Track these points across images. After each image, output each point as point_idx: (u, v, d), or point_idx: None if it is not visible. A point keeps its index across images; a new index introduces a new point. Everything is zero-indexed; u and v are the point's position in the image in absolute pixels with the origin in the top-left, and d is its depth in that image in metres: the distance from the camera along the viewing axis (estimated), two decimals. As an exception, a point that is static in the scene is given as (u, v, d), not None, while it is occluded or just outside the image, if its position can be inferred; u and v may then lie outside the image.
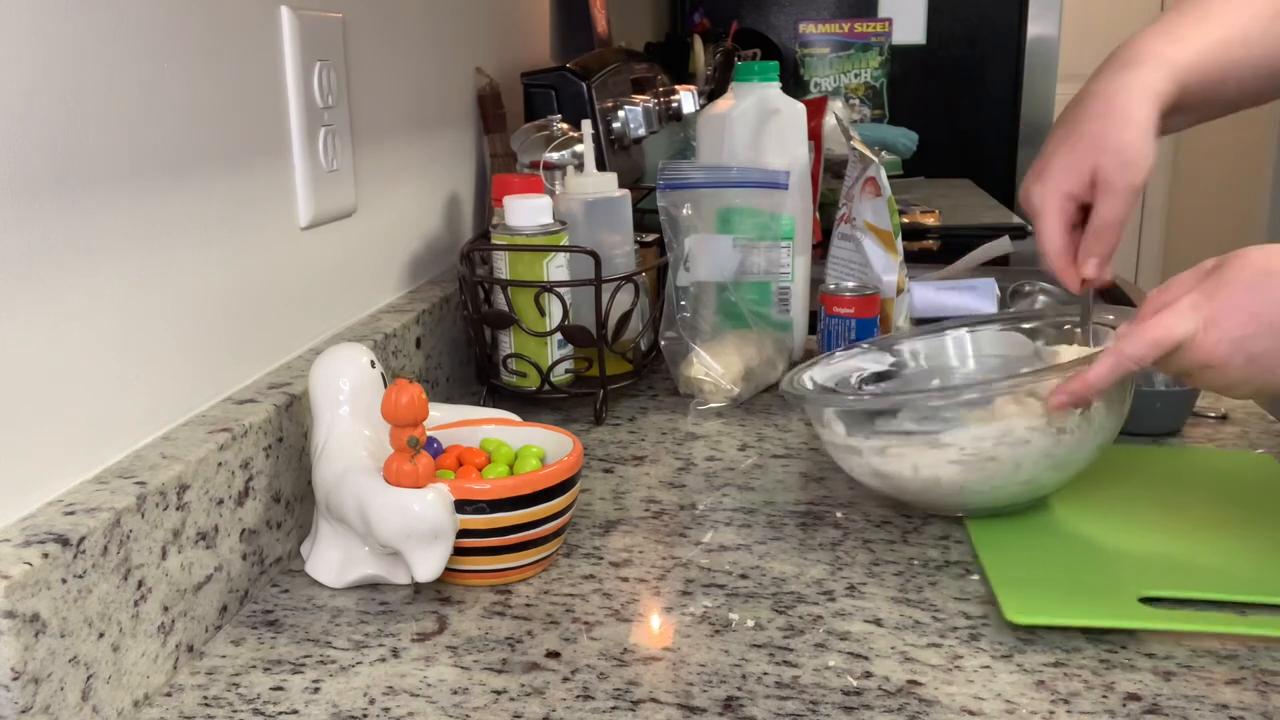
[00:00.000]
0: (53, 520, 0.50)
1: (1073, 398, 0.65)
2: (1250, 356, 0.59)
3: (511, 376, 0.95)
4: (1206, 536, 0.69)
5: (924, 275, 1.24)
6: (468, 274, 0.93)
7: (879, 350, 0.86)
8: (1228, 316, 0.59)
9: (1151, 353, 0.61)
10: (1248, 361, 0.59)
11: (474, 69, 1.16)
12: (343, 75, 0.83)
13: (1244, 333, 0.59)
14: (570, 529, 0.74)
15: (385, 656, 0.59)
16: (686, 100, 1.49)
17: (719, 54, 2.01)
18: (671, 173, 1.00)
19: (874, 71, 2.32)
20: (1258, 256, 0.60)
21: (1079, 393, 0.64)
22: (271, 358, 0.74)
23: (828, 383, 0.82)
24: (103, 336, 0.57)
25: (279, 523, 0.68)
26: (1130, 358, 0.62)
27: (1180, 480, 0.78)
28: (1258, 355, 0.59)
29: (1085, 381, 0.64)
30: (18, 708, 0.46)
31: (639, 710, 0.54)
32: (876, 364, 0.86)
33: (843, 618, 0.62)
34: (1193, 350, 0.60)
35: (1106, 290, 1.37)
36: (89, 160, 0.55)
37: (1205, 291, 0.60)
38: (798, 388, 0.78)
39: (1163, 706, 0.53)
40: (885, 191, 0.98)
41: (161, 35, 0.61)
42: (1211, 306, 0.59)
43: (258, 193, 0.72)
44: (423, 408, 0.62)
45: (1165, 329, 0.60)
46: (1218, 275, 0.60)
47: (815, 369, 0.83)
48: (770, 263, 1.02)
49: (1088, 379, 0.64)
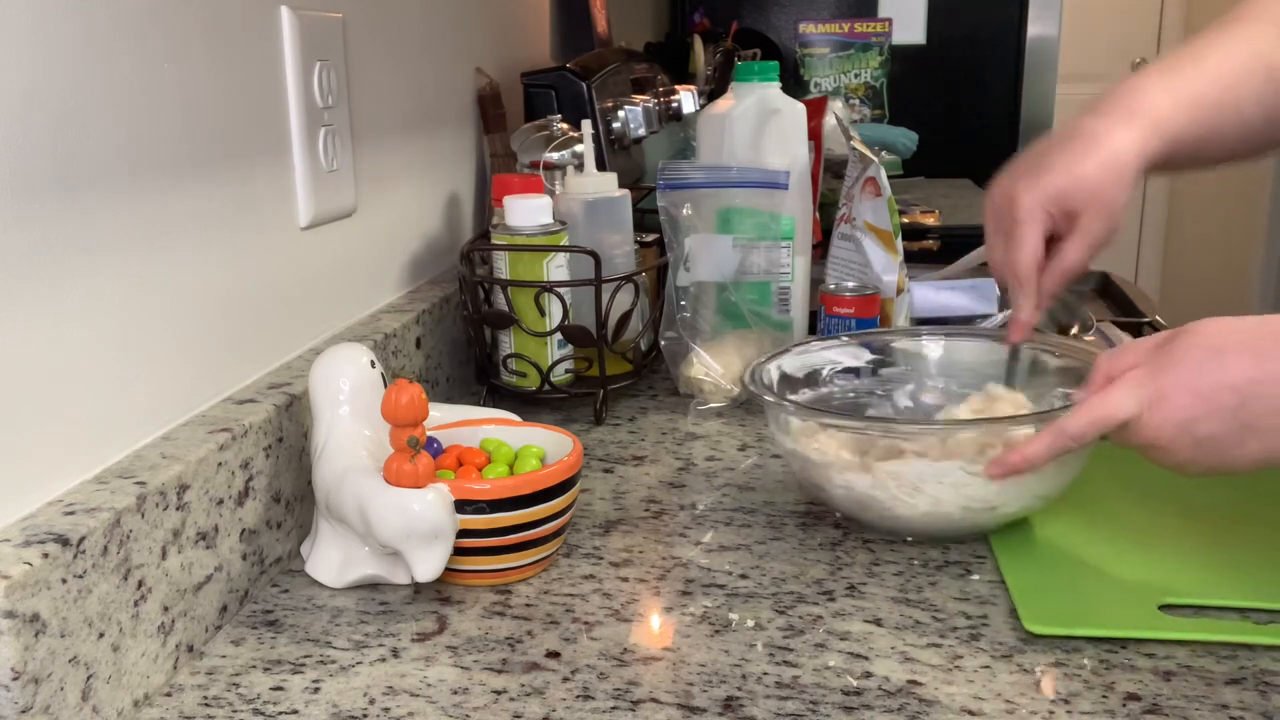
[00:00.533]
0: (53, 520, 0.50)
1: (1008, 470, 0.64)
2: (1197, 440, 0.57)
3: (511, 376, 0.95)
4: (1225, 541, 0.69)
5: (924, 275, 1.24)
6: (468, 274, 0.93)
7: (858, 345, 0.86)
8: (1173, 397, 0.57)
9: (1093, 431, 0.60)
10: (1194, 444, 0.57)
11: (474, 69, 1.16)
12: (343, 75, 0.83)
13: (1189, 415, 0.56)
14: (570, 529, 0.74)
15: (385, 656, 0.59)
16: (686, 100, 1.49)
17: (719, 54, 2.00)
18: (671, 173, 1.00)
19: (874, 71, 2.32)
20: (1208, 333, 0.57)
21: (1016, 466, 0.63)
22: (271, 358, 0.74)
23: (797, 373, 0.82)
24: (103, 336, 0.57)
25: (279, 523, 0.68)
26: (1070, 435, 0.61)
27: (1193, 483, 0.78)
28: (1204, 439, 0.57)
29: (1023, 456, 0.63)
30: (18, 708, 0.46)
31: (639, 710, 0.54)
32: (854, 359, 0.85)
33: (843, 618, 0.62)
34: (1138, 430, 0.59)
35: (1107, 290, 1.37)
36: (89, 160, 0.55)
37: (1152, 368, 0.58)
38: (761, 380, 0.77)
39: (1163, 706, 0.53)
40: (885, 191, 0.98)
41: (161, 35, 0.61)
42: (1157, 385, 0.58)
43: (258, 193, 0.72)
44: (423, 408, 0.62)
45: (1108, 409, 0.59)
46: (1167, 351, 0.58)
47: (786, 357, 0.82)
48: (770, 263, 1.02)
49: (1025, 454, 0.63)
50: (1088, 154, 0.74)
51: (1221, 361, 0.55)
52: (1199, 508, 0.73)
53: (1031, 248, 0.75)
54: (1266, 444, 0.55)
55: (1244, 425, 0.55)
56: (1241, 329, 0.57)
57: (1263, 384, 0.54)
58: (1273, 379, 0.54)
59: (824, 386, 0.84)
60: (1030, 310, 0.77)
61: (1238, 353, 0.55)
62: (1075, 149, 0.75)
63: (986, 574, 0.67)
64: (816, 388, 0.83)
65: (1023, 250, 0.76)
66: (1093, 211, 0.73)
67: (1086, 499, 0.75)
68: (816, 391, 0.83)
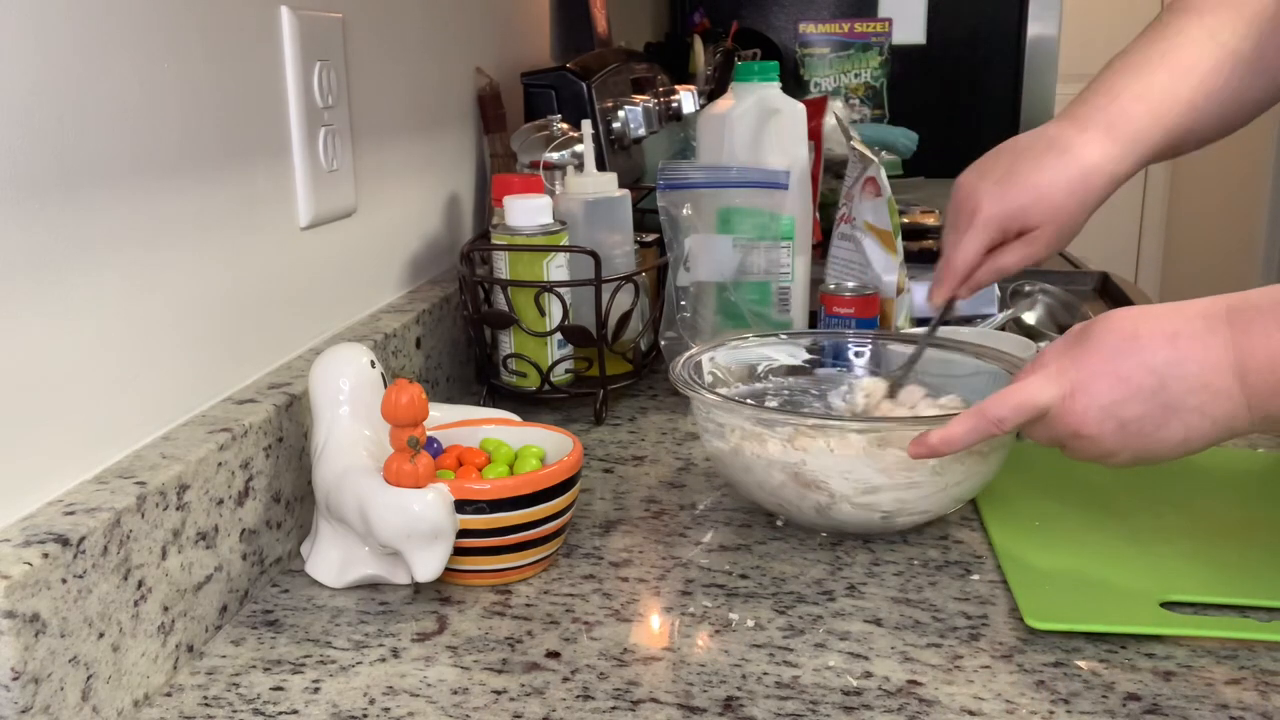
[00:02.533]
0: (53, 520, 0.50)
1: (929, 450, 0.63)
2: (1121, 423, 0.57)
3: (511, 376, 0.95)
4: (1226, 538, 0.69)
5: (924, 275, 1.24)
6: (468, 274, 0.93)
7: (794, 344, 0.87)
8: (1094, 382, 0.57)
9: (1014, 416, 0.60)
10: (1119, 428, 0.57)
11: (474, 69, 1.16)
12: (343, 75, 0.83)
13: (1112, 398, 0.57)
14: (570, 529, 0.74)
15: (385, 656, 0.59)
16: (686, 100, 1.49)
17: (719, 54, 2.00)
18: (671, 173, 1.00)
19: (874, 71, 2.32)
20: (1123, 321, 0.58)
21: (936, 447, 0.63)
22: (271, 358, 0.74)
23: (729, 367, 0.83)
24: (103, 336, 0.57)
25: (279, 523, 0.68)
26: (992, 420, 0.61)
27: (1193, 481, 0.78)
28: (1129, 421, 0.57)
29: (943, 437, 0.62)
30: (18, 708, 0.46)
31: (639, 710, 0.54)
32: (790, 357, 0.86)
33: (843, 618, 0.62)
34: (1062, 418, 0.59)
35: (1106, 290, 1.37)
36: (89, 160, 0.55)
37: (1071, 357, 0.59)
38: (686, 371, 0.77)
39: (1163, 706, 0.53)
40: (885, 191, 0.98)
41: (161, 35, 0.61)
42: (1077, 372, 0.58)
43: (258, 193, 0.72)
44: (423, 408, 0.62)
45: (1028, 393, 0.59)
46: (1083, 341, 0.59)
47: (720, 351, 0.82)
48: (770, 263, 1.02)
49: (946, 435, 0.62)
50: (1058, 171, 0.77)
51: (1138, 345, 0.56)
52: (1200, 507, 0.73)
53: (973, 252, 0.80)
54: (1189, 424, 0.56)
55: (1165, 406, 0.56)
56: (1153, 314, 0.57)
57: (1179, 364, 0.55)
58: (1188, 358, 0.54)
59: (758, 382, 0.85)
60: (942, 297, 0.83)
61: (1152, 336, 0.56)
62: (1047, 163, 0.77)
63: (986, 574, 0.67)
64: (751, 383, 0.84)
65: (963, 252, 0.80)
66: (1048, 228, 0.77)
67: (1088, 498, 0.75)
68: (751, 387, 0.84)
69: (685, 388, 0.73)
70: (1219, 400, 0.55)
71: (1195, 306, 0.57)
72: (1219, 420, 0.55)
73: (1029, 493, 0.76)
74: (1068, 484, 0.77)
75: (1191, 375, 0.55)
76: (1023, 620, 0.60)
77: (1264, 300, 0.55)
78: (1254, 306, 0.55)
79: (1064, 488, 0.76)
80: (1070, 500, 0.75)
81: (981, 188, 0.80)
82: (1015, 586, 0.63)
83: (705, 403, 0.72)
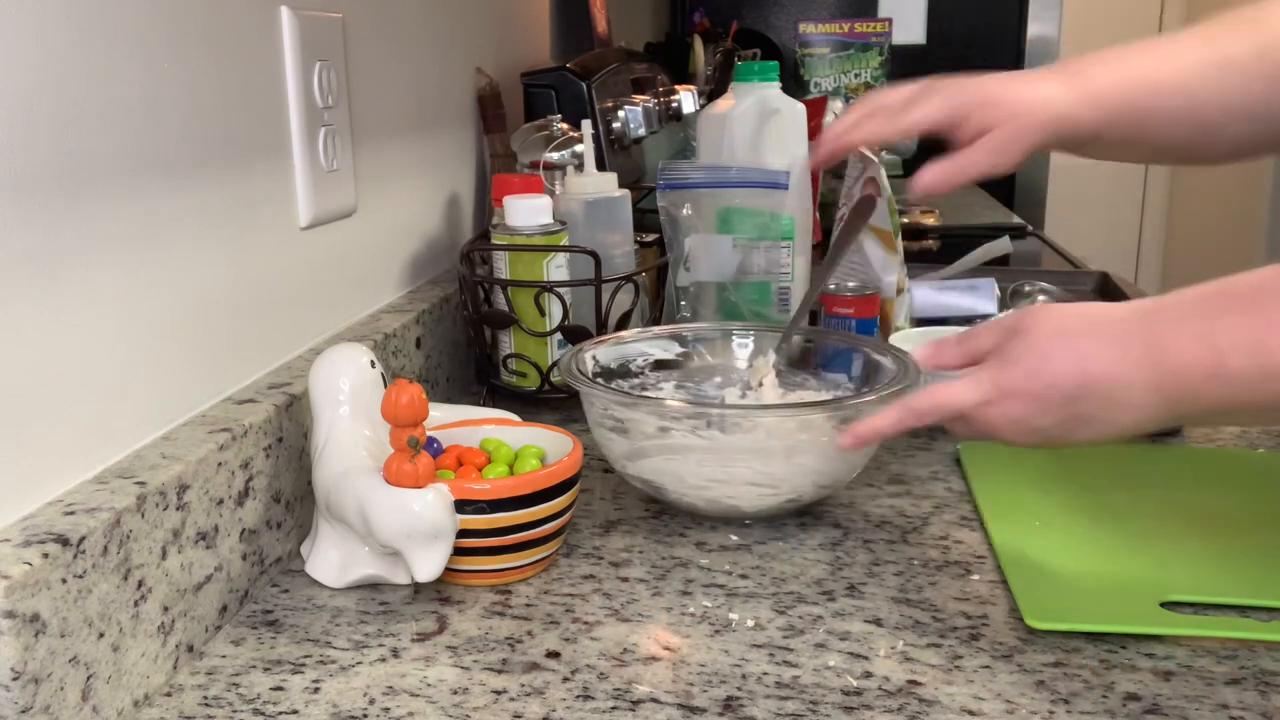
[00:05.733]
0: (53, 520, 0.50)
1: (858, 440, 0.67)
2: (1033, 430, 0.60)
3: (511, 376, 0.95)
4: (1226, 538, 0.69)
5: (924, 275, 1.24)
6: (468, 274, 0.93)
7: (668, 339, 0.88)
8: (1009, 399, 0.60)
9: (934, 415, 0.64)
10: (1029, 434, 0.61)
11: (474, 69, 1.16)
12: (343, 75, 0.83)
13: (1025, 413, 0.59)
14: (570, 529, 0.74)
15: (385, 656, 0.59)
16: (686, 100, 1.49)
17: (719, 54, 2.01)
18: (671, 173, 1.00)
19: (874, 72, 2.31)
20: (1050, 318, 0.60)
21: (864, 436, 0.67)
22: (271, 358, 0.74)
23: (610, 364, 0.84)
24: (103, 336, 0.57)
25: (279, 523, 0.68)
26: (915, 413, 0.64)
27: (1193, 480, 0.78)
28: (1040, 429, 0.60)
29: (871, 427, 0.66)
30: (18, 708, 0.46)
31: (639, 710, 0.54)
32: (663, 351, 0.87)
33: (843, 618, 0.62)
34: (978, 421, 0.62)
35: (1106, 290, 1.37)
36: (89, 160, 0.55)
37: (998, 363, 0.61)
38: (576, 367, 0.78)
39: (1163, 706, 0.53)
40: (885, 191, 0.98)
41: (161, 35, 0.61)
42: (996, 384, 0.60)
43: (258, 192, 0.72)
44: (423, 408, 0.62)
45: (949, 397, 0.62)
46: (1012, 345, 0.61)
47: (602, 348, 0.84)
48: (770, 263, 1.02)
49: (874, 425, 0.66)
50: (1020, 87, 0.76)
51: (1050, 366, 0.59)
52: (1201, 507, 0.73)
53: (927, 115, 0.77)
54: (1097, 430, 0.59)
55: (1074, 418, 0.59)
56: (1071, 330, 0.59)
57: (1087, 387, 0.57)
58: (1094, 380, 0.57)
59: (636, 377, 0.86)
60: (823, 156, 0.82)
61: (1063, 359, 0.58)
62: (1011, 81, 0.77)
63: (986, 574, 0.67)
64: (629, 378, 0.86)
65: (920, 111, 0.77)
66: (1003, 131, 0.75)
67: (1088, 498, 0.75)
68: (629, 382, 0.86)
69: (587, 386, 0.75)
70: (1129, 411, 0.58)
71: (1115, 314, 0.59)
72: (1128, 425, 0.59)
73: (1029, 493, 0.76)
74: (1068, 484, 0.77)
75: (1097, 396, 0.58)
76: (1023, 620, 0.60)
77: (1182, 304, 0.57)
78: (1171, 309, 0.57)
79: (1064, 488, 0.76)
80: (1070, 500, 0.75)
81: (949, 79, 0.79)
82: (1015, 586, 0.63)
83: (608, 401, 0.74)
